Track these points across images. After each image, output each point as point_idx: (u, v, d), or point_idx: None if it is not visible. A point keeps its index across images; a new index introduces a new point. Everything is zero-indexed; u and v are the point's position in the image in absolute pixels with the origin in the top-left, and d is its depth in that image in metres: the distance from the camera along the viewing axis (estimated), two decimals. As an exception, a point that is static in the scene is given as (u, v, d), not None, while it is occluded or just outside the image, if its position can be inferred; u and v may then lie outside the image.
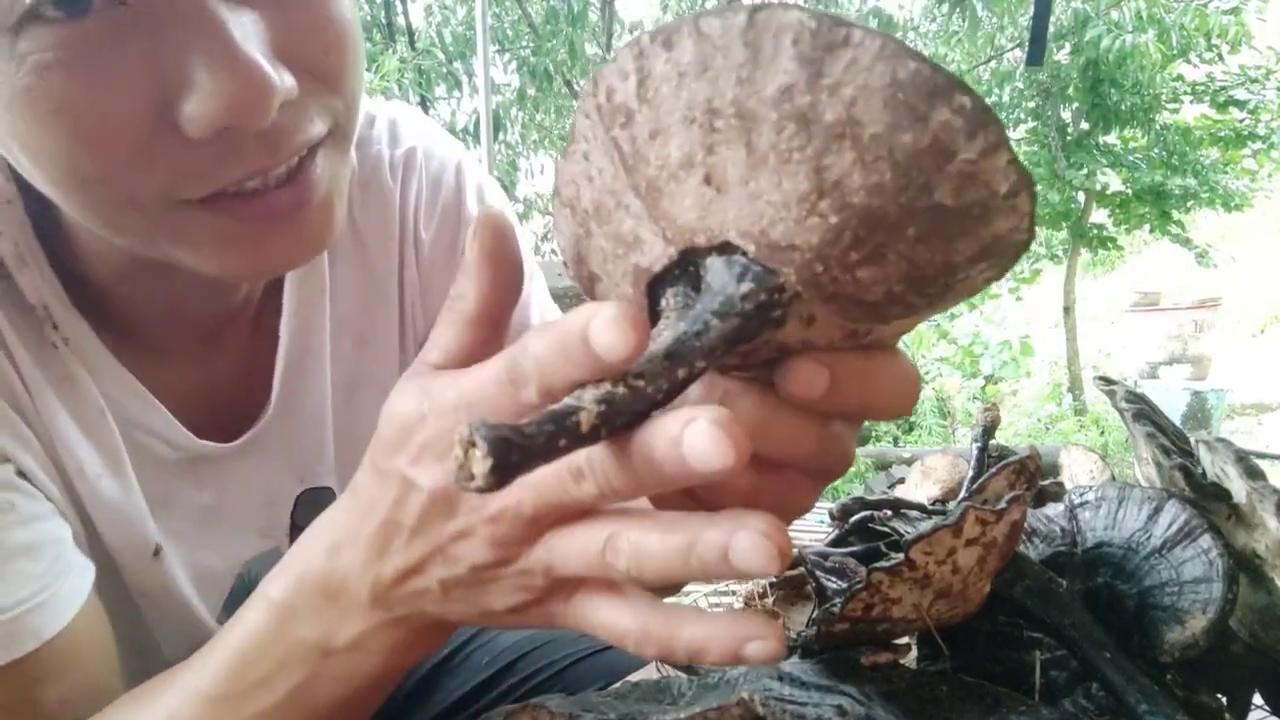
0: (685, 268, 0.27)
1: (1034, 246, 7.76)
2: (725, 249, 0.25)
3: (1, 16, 0.34)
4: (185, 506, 0.55)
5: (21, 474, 0.46)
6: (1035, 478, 0.54)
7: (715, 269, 0.26)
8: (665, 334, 0.25)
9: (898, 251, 0.24)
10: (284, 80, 0.37)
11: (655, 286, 0.28)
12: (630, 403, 0.24)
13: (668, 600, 0.31)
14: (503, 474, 0.22)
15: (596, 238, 0.29)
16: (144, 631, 0.55)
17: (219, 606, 0.58)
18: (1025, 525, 0.49)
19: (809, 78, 0.22)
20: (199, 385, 0.55)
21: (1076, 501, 0.52)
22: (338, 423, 0.60)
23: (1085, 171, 6.11)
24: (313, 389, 0.58)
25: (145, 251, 0.43)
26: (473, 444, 0.22)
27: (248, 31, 0.36)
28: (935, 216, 0.23)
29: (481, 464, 0.22)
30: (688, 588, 0.96)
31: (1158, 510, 0.48)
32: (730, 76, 0.23)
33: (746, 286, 0.25)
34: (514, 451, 0.22)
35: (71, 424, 0.48)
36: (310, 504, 0.60)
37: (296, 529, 0.59)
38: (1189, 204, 6.38)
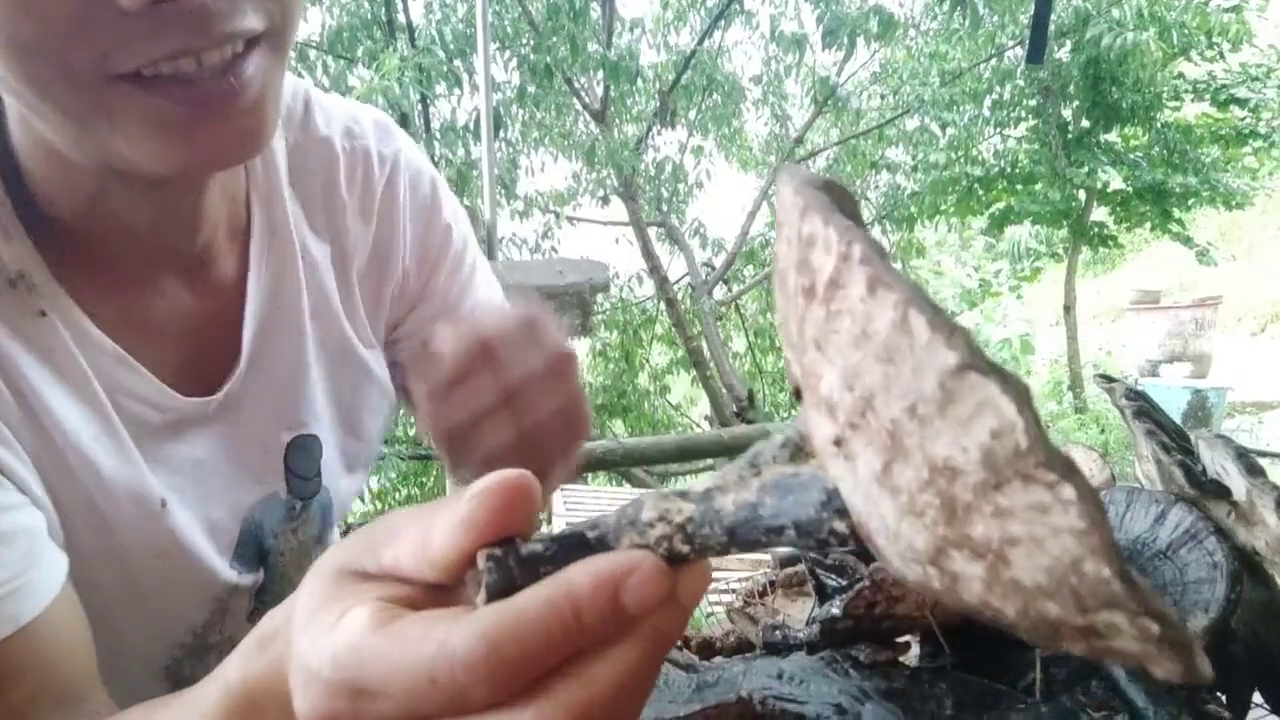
0: None
1: (1034, 245, 7.76)
2: None
3: None
4: (180, 464, 0.55)
5: None
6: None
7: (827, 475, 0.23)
8: (746, 498, 0.24)
9: (1005, 618, 0.21)
10: None
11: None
12: (670, 558, 0.24)
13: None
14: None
15: (783, 328, 0.28)
16: (118, 634, 0.55)
17: (230, 555, 0.59)
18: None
19: (983, 482, 0.18)
20: (172, 338, 0.55)
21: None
22: (325, 375, 0.62)
23: (1086, 169, 6.10)
24: (286, 345, 0.60)
25: (86, 143, 0.43)
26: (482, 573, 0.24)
27: None
28: (1054, 633, 0.20)
29: (487, 592, 0.24)
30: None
31: (1164, 513, 0.48)
32: (907, 397, 0.18)
33: (839, 526, 0.22)
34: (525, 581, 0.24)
35: (61, 393, 0.49)
36: (301, 450, 0.62)
37: (290, 473, 0.61)
38: (1190, 202, 6.38)
